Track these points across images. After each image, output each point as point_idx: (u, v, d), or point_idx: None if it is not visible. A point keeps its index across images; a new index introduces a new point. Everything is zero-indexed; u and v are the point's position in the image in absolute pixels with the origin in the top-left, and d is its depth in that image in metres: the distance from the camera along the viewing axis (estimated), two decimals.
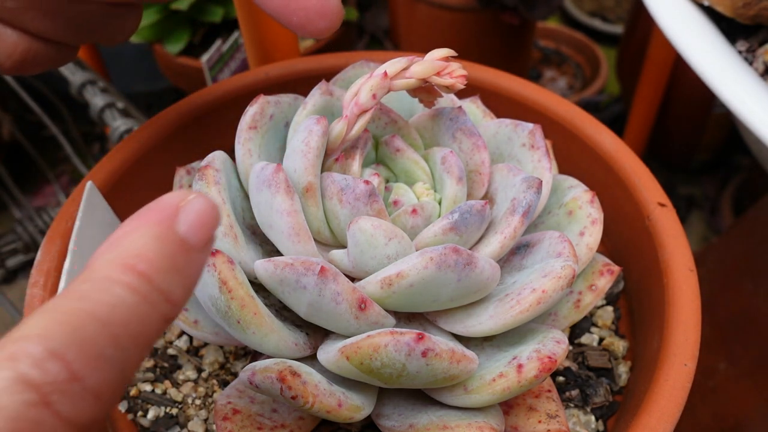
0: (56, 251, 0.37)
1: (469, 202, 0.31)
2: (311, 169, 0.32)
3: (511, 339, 0.33)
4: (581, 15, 1.37)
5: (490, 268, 0.30)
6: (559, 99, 0.45)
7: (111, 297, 0.16)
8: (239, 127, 0.35)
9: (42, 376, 0.14)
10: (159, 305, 0.17)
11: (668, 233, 0.37)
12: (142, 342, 0.16)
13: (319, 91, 0.36)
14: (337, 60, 0.47)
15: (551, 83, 1.25)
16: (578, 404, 0.36)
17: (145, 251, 0.17)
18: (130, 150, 0.42)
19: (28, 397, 0.14)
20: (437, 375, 0.29)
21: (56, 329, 0.15)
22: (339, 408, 0.29)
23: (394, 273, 0.29)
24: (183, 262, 0.17)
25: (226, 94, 0.46)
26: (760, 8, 0.38)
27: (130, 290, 0.16)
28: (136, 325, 0.16)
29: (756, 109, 0.33)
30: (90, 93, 0.65)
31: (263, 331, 0.30)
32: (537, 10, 0.90)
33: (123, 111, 0.64)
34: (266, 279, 0.30)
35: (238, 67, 0.89)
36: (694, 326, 0.34)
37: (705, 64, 0.36)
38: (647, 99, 0.91)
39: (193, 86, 0.91)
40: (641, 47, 0.94)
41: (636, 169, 0.40)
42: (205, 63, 0.83)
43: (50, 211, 0.91)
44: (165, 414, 0.36)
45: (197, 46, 0.96)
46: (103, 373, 0.15)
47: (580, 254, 0.35)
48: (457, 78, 0.32)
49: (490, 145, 0.37)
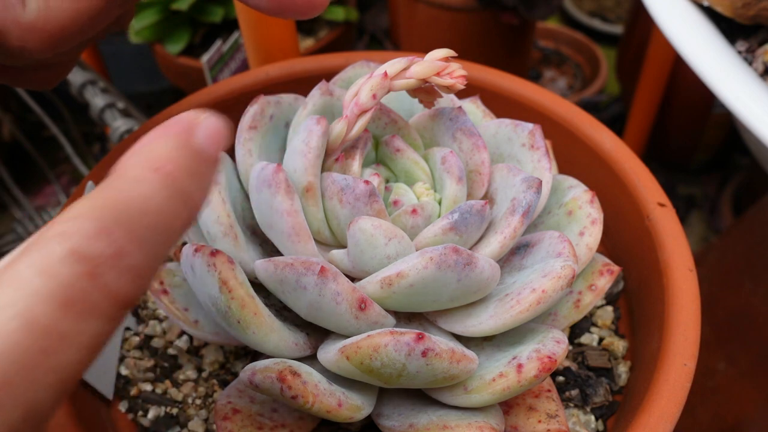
0: None
1: (469, 202, 0.31)
2: (311, 169, 0.32)
3: (511, 339, 0.33)
4: (581, 15, 1.37)
5: (490, 268, 0.30)
6: (559, 99, 0.45)
7: (144, 191, 0.18)
8: (239, 127, 0.35)
9: (92, 250, 0.16)
10: (183, 204, 0.18)
11: (668, 233, 0.37)
12: (170, 237, 0.18)
13: (319, 91, 0.36)
14: (337, 60, 0.47)
15: (551, 83, 1.25)
16: (578, 404, 0.36)
17: (169, 156, 0.19)
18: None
19: (79, 269, 0.16)
20: (437, 375, 0.29)
21: (103, 211, 0.17)
22: (339, 408, 0.29)
23: (394, 273, 0.29)
24: (200, 169, 0.19)
25: (226, 94, 0.46)
26: (760, 8, 0.38)
27: (160, 187, 0.18)
28: (166, 217, 0.18)
29: (755, 109, 0.34)
30: (90, 93, 0.65)
31: (263, 331, 0.30)
32: (537, 10, 0.90)
33: (123, 111, 0.64)
34: (266, 279, 0.30)
35: (238, 67, 0.89)
36: (694, 326, 0.34)
37: (704, 64, 0.36)
38: (647, 99, 0.91)
39: (193, 86, 0.91)
40: (641, 47, 0.94)
41: (636, 169, 0.41)
42: (205, 63, 0.83)
43: (50, 211, 0.91)
44: (165, 414, 0.36)
45: (197, 46, 0.96)
46: (143, 255, 0.17)
47: (580, 254, 0.35)
48: (457, 78, 0.32)
49: (490, 145, 0.37)
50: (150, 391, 0.37)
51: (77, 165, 0.87)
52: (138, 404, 0.37)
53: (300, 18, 0.32)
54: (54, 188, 1.03)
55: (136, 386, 0.37)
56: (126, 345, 0.39)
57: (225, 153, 0.36)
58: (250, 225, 0.35)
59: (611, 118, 1.17)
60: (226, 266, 0.30)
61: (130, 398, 0.37)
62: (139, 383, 0.37)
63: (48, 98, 0.86)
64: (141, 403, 0.37)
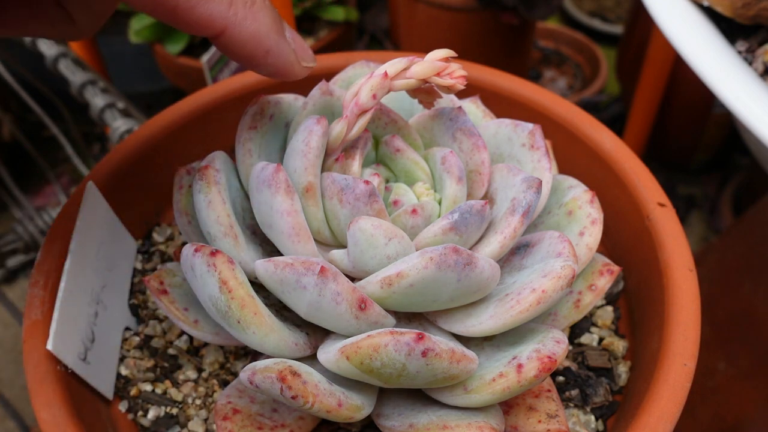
0: (57, 251, 0.37)
1: (469, 202, 0.31)
2: (311, 169, 0.32)
3: (510, 339, 0.33)
4: (581, 15, 1.37)
5: (490, 268, 0.30)
6: (559, 99, 0.45)
7: None
8: (239, 127, 0.35)
9: None
10: None
11: (668, 233, 0.37)
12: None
13: (319, 91, 0.36)
14: (337, 60, 0.47)
15: (551, 83, 1.25)
16: (578, 404, 0.36)
17: None
18: (131, 150, 0.43)
19: None
20: (437, 375, 0.29)
21: None
22: (339, 408, 0.29)
23: (394, 273, 0.29)
24: None
25: (226, 95, 0.46)
26: (760, 8, 0.38)
27: None
28: None
29: (755, 109, 0.34)
30: (90, 93, 0.65)
31: (263, 331, 0.30)
32: (537, 10, 0.90)
33: (123, 111, 0.64)
34: (266, 279, 0.30)
35: (238, 67, 0.89)
36: (694, 326, 0.34)
37: (705, 64, 0.36)
38: (647, 99, 0.91)
39: (193, 86, 0.91)
40: (641, 47, 0.94)
41: (636, 169, 0.41)
42: (205, 63, 0.83)
43: (50, 211, 0.91)
44: (165, 414, 0.36)
45: (197, 46, 0.97)
46: None
47: (580, 254, 0.35)
48: (457, 79, 0.32)
49: (490, 145, 0.37)
50: (150, 391, 0.37)
51: (77, 165, 0.87)
52: (138, 404, 0.37)
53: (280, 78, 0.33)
54: (54, 188, 1.03)
55: (136, 386, 0.37)
56: (126, 345, 0.39)
57: (225, 153, 0.36)
58: (250, 225, 0.35)
59: (611, 118, 1.17)
60: (226, 266, 0.30)
61: (130, 398, 0.37)
62: (139, 383, 0.37)
63: (48, 98, 0.86)
64: (141, 403, 0.37)
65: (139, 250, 0.43)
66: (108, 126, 0.63)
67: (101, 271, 0.38)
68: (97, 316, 0.36)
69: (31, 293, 0.36)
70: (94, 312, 0.36)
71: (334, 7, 0.98)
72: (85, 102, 0.66)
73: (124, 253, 0.41)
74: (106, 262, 0.39)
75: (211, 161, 0.34)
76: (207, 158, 0.34)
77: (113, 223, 0.40)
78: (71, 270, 0.35)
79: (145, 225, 0.44)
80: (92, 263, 0.37)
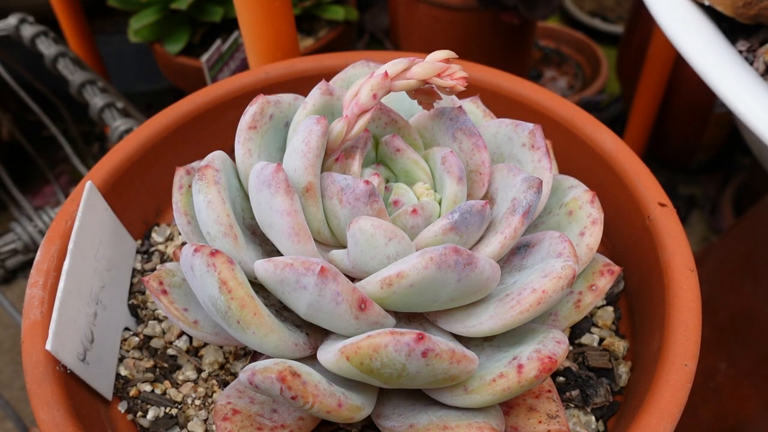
0: (56, 251, 0.37)
1: (469, 202, 0.31)
2: (311, 169, 0.32)
3: (511, 339, 0.33)
4: (581, 15, 1.37)
5: (490, 268, 0.30)
6: (559, 99, 0.45)
7: None
8: (239, 127, 0.35)
9: None
10: None
11: (668, 233, 0.37)
12: None
13: (319, 91, 0.36)
14: (337, 60, 0.47)
15: (551, 83, 1.25)
16: (578, 404, 0.36)
17: None
18: (130, 150, 0.42)
19: None
20: (437, 375, 0.29)
21: None
22: (339, 408, 0.29)
23: (394, 273, 0.29)
24: None
25: (226, 94, 0.46)
26: (761, 8, 0.38)
27: None
28: None
29: (757, 109, 0.33)
30: (90, 93, 0.65)
31: (263, 331, 0.30)
32: (537, 10, 0.90)
33: (123, 111, 0.64)
34: (266, 279, 0.30)
35: (238, 67, 0.89)
36: (695, 326, 0.34)
37: (705, 63, 0.36)
38: (647, 99, 0.91)
39: (193, 86, 0.91)
40: (641, 47, 0.94)
41: (636, 169, 0.40)
42: (205, 63, 0.83)
43: (50, 211, 0.91)
44: (165, 414, 0.36)
45: (197, 45, 0.96)
46: None
47: (581, 254, 0.35)
48: (458, 80, 0.32)
49: (490, 145, 0.37)
50: (149, 391, 0.37)
51: (76, 165, 0.87)
52: (137, 404, 0.36)
53: None
54: (53, 188, 1.03)
55: (135, 386, 0.37)
56: (125, 345, 0.39)
57: (225, 153, 0.36)
58: (250, 225, 0.35)
59: (611, 117, 1.17)
60: (226, 266, 0.30)
61: (129, 398, 0.37)
62: (139, 383, 0.37)
63: (48, 98, 0.86)
64: (140, 403, 0.37)
65: (139, 251, 0.43)
66: (107, 126, 0.63)
67: (100, 271, 0.38)
68: (96, 317, 0.36)
69: (30, 293, 0.36)
70: (93, 312, 0.36)
71: (334, 6, 0.98)
72: (85, 101, 0.66)
73: (124, 254, 0.41)
74: (106, 262, 0.39)
75: (211, 161, 0.34)
76: (207, 158, 0.34)
77: (112, 223, 0.40)
78: (70, 270, 0.35)
79: (144, 225, 0.44)
80: (91, 263, 0.37)
